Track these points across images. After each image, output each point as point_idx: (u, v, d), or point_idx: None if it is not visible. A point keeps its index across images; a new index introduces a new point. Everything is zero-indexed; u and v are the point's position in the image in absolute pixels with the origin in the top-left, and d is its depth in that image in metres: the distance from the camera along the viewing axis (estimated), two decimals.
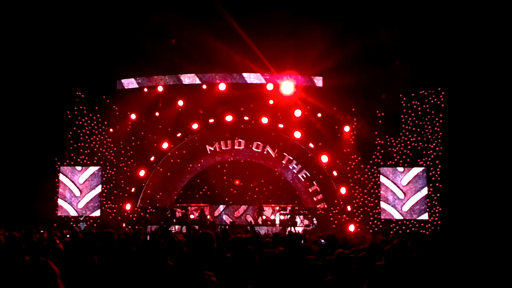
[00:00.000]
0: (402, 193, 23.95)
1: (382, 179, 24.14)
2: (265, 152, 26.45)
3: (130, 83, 25.20)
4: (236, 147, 26.71)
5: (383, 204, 24.04)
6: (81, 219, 23.85)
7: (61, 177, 25.18)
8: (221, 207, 26.02)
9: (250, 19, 21.57)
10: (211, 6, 20.93)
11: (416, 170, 23.92)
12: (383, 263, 5.38)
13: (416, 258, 5.85)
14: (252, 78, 24.63)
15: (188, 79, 24.99)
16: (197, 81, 24.95)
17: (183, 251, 6.36)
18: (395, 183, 24.04)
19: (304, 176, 26.19)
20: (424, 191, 23.81)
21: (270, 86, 24.34)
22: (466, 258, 6.89)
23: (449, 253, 7.46)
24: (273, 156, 26.45)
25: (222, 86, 24.70)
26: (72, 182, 25.15)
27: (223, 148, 26.71)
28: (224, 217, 25.79)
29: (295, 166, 26.31)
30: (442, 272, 5.71)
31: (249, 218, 25.73)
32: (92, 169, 25.20)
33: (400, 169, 24.03)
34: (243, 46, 22.22)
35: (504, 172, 21.04)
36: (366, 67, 22.12)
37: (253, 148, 26.54)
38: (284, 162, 26.46)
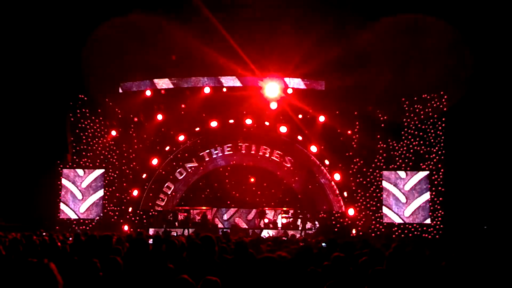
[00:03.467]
0: (405, 197, 23.85)
1: (385, 184, 24.02)
2: (267, 155, 26.48)
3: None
4: (238, 151, 26.76)
5: (385, 209, 23.95)
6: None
7: (63, 181, 25.15)
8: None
9: (256, 24, 21.63)
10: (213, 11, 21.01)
11: (419, 176, 23.80)
12: (383, 268, 5.38)
13: (418, 262, 5.85)
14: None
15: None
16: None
17: (184, 254, 6.37)
18: (397, 188, 23.95)
19: (306, 179, 26.21)
20: (426, 196, 23.65)
21: (276, 90, 24.23)
22: (468, 262, 6.88)
23: (451, 257, 7.45)
24: (275, 159, 26.46)
25: (225, 89, 24.78)
26: (75, 185, 25.12)
27: (225, 153, 26.77)
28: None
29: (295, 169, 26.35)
30: (443, 276, 5.71)
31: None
32: (95, 173, 25.16)
33: (403, 174, 23.92)
34: (244, 49, 22.26)
35: (507, 176, 21.02)
36: (368, 71, 22.11)
37: (255, 152, 26.57)
38: (286, 165, 26.48)
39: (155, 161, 25.53)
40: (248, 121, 25.48)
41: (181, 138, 25.80)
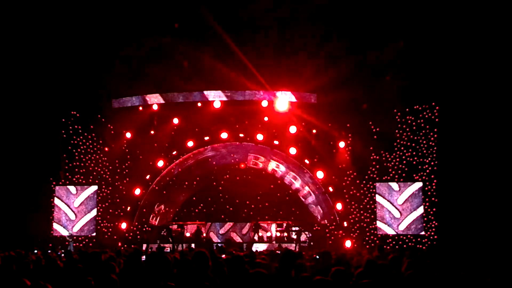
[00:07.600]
0: (399, 212, 23.82)
1: (378, 198, 23.98)
2: (260, 168, 26.51)
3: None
4: (232, 165, 26.77)
5: (379, 224, 23.92)
6: (70, 239, 23.59)
7: (56, 201, 24.95)
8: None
9: (247, 38, 21.77)
10: (208, 26, 21.12)
11: (412, 189, 23.79)
12: (379, 280, 5.37)
13: (412, 273, 5.85)
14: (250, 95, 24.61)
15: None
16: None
17: (177, 270, 6.34)
18: (391, 202, 23.92)
19: (300, 191, 26.23)
20: (420, 210, 23.66)
21: (265, 103, 24.33)
22: (463, 272, 6.88)
23: (446, 267, 7.45)
24: (269, 172, 26.45)
25: (217, 104, 24.70)
26: (68, 206, 24.90)
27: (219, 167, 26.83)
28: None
29: (293, 181, 26.36)
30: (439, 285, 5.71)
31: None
32: (88, 192, 25.01)
33: (396, 188, 23.90)
34: (238, 63, 22.36)
35: (499, 185, 21.08)
36: (360, 84, 22.23)
37: (249, 165, 26.58)
38: (279, 178, 26.48)
39: (148, 177, 25.42)
40: (241, 135, 25.40)
41: (174, 153, 25.66)
